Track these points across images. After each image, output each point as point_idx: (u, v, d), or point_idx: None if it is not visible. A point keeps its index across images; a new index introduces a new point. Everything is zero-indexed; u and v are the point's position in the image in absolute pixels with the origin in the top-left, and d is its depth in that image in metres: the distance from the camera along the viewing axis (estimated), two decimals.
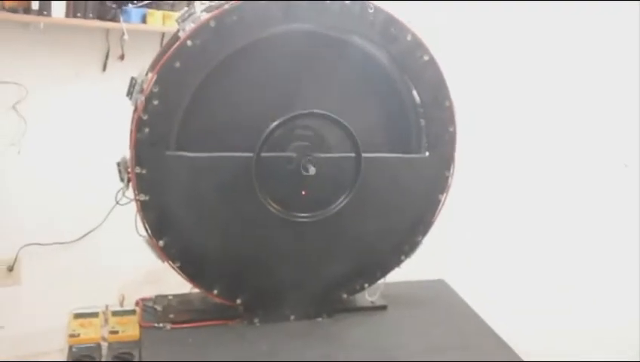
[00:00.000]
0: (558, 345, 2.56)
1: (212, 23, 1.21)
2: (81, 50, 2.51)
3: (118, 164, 1.31)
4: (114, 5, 2.37)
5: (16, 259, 2.52)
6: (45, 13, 2.26)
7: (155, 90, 1.20)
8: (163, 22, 2.38)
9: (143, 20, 2.41)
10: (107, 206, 1.55)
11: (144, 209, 1.25)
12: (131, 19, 2.38)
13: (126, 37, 2.37)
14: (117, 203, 1.34)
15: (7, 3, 2.24)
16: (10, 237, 2.47)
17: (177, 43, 1.21)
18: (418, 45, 1.39)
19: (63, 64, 2.50)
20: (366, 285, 1.52)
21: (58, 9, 2.27)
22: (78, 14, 2.31)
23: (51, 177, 2.49)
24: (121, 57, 2.52)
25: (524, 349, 1.41)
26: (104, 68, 2.53)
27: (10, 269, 2.53)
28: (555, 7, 2.68)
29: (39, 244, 2.50)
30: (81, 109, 2.50)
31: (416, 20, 1.37)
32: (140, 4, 2.42)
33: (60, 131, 2.50)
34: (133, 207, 1.30)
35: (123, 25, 2.35)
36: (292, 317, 1.46)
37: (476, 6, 2.67)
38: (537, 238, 2.80)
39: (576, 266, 2.83)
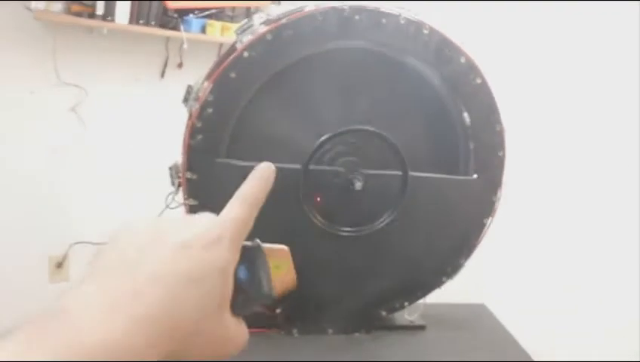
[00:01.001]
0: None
1: (269, 36, 1.24)
2: (141, 57, 2.59)
3: (170, 169, 1.35)
4: (175, 15, 2.43)
5: (65, 256, 2.59)
6: (109, 18, 2.33)
7: (210, 98, 1.23)
8: (221, 33, 2.44)
9: (203, 30, 2.47)
10: (158, 209, 1.59)
11: (193, 213, 1.28)
12: (191, 29, 2.44)
13: (185, 46, 2.43)
14: (167, 206, 1.37)
15: (73, 7, 2.33)
16: (62, 234, 2.54)
17: (234, 54, 1.24)
18: (471, 68, 1.39)
19: (123, 69, 2.58)
20: (406, 304, 1.51)
21: (122, 15, 2.34)
22: (141, 21, 2.38)
23: (105, 178, 2.56)
24: (180, 65, 2.58)
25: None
26: (162, 75, 2.60)
27: (60, 266, 2.60)
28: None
29: (89, 243, 2.57)
30: (138, 114, 2.58)
31: (471, 42, 1.37)
32: (201, 14, 2.48)
33: (116, 134, 2.57)
34: (182, 211, 1.34)
35: (183, 34, 2.41)
36: (330, 331, 1.47)
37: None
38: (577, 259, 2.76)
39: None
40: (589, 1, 2.64)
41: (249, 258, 0.53)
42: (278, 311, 1.42)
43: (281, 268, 0.55)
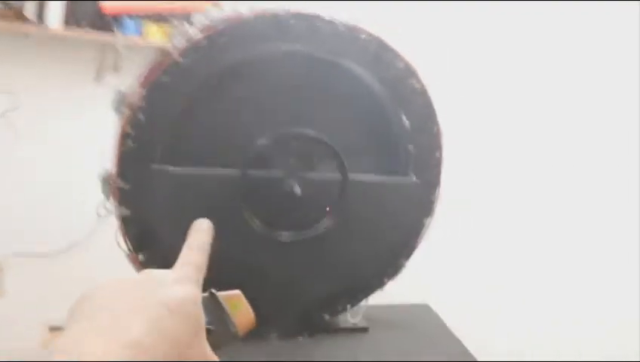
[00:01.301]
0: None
1: (204, 42, 1.22)
2: (76, 61, 2.53)
3: (101, 177, 1.31)
4: (111, 17, 2.38)
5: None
6: (41, 23, 2.27)
7: (142, 104, 1.21)
8: (159, 35, 2.40)
9: (140, 33, 2.42)
10: (90, 218, 1.55)
11: (125, 223, 1.25)
12: (128, 32, 2.39)
13: (121, 49, 2.38)
14: (98, 215, 1.33)
15: (1, 12, 2.26)
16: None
17: (167, 59, 1.21)
18: (410, 72, 1.40)
19: (56, 73, 2.51)
20: (348, 306, 1.51)
21: (54, 19, 2.28)
22: (74, 25, 2.32)
23: (39, 187, 2.49)
24: (116, 69, 2.53)
25: None
26: (98, 79, 2.54)
27: None
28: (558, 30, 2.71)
29: (23, 255, 2.49)
30: (72, 120, 2.51)
31: (408, 44, 1.39)
32: (138, 17, 2.44)
33: (50, 141, 2.50)
34: (113, 220, 1.30)
35: (119, 37, 2.36)
36: (273, 335, 1.46)
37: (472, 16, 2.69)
38: (525, 257, 2.82)
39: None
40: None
41: (209, 306, 0.59)
42: None
43: (239, 308, 0.63)
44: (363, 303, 1.53)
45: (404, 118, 1.43)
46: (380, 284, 1.52)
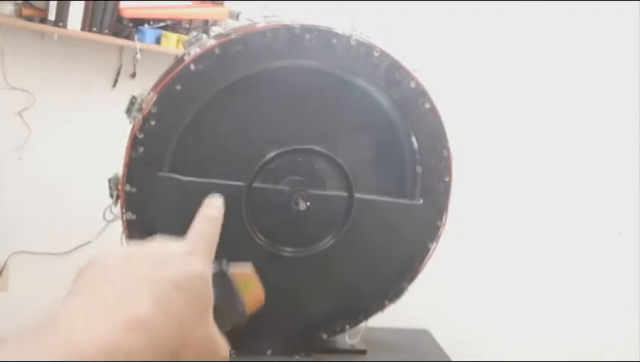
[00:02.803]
0: None
1: (217, 50, 1.22)
2: (94, 65, 2.54)
3: (109, 181, 1.31)
4: (130, 24, 2.39)
5: (5, 265, 2.52)
6: (61, 24, 2.28)
7: (154, 110, 1.21)
8: (177, 45, 2.40)
9: (158, 41, 2.43)
10: (98, 221, 1.54)
11: (130, 227, 1.25)
12: (146, 40, 2.40)
13: (138, 56, 2.39)
14: (104, 219, 1.33)
15: (24, 11, 2.27)
16: (2, 242, 2.47)
17: (180, 66, 1.21)
18: (421, 92, 1.39)
19: (74, 76, 2.52)
20: (347, 327, 1.50)
21: (74, 21, 2.29)
22: (94, 29, 2.33)
23: (50, 187, 2.50)
24: (133, 75, 2.54)
25: None
26: (114, 84, 2.55)
27: None
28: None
29: (29, 252, 2.49)
30: (87, 122, 2.52)
31: (422, 65, 1.38)
32: (156, 25, 2.45)
33: (63, 142, 2.51)
34: (120, 225, 1.30)
35: (137, 43, 2.37)
36: (269, 352, 1.44)
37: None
38: (528, 291, 2.79)
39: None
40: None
41: (217, 282, 0.55)
42: None
43: (248, 286, 0.58)
44: (362, 325, 1.51)
45: (413, 138, 1.42)
46: (381, 306, 1.50)
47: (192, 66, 1.21)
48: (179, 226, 1.33)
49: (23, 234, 2.47)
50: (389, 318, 1.53)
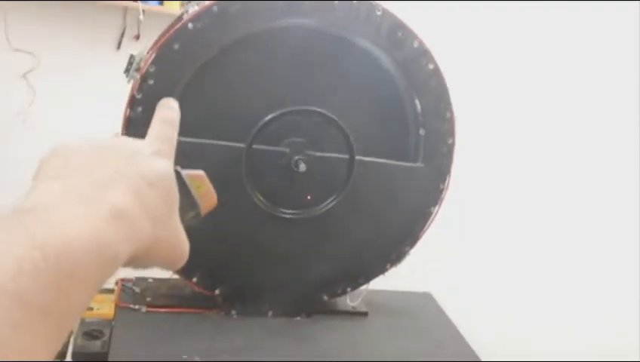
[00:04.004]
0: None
1: (215, 9, 1.20)
2: (98, 27, 2.52)
3: None
4: None
5: None
6: None
7: (152, 69, 1.19)
8: (181, 6, 2.38)
9: (161, 3, 2.41)
10: None
11: None
12: (149, 1, 2.38)
13: (142, 17, 2.37)
14: None
15: None
16: (8, 201, 2.48)
17: (179, 24, 1.20)
18: (424, 53, 1.37)
19: (77, 38, 2.50)
20: (348, 289, 1.49)
21: None
22: None
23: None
24: (137, 37, 2.52)
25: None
26: (119, 46, 2.54)
27: None
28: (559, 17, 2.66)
29: None
30: (91, 85, 2.51)
31: (423, 27, 1.35)
32: None
33: (67, 104, 2.51)
34: None
35: (140, 4, 2.35)
36: (270, 313, 1.45)
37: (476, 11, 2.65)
38: (531, 254, 2.78)
39: (572, 283, 2.80)
40: None
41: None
42: (216, 292, 1.39)
43: (202, 188, 0.60)
44: (363, 287, 1.51)
45: (416, 100, 1.40)
46: (382, 270, 1.50)
47: (190, 25, 1.19)
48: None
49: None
50: (391, 282, 1.53)
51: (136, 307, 1.38)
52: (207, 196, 0.60)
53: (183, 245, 0.56)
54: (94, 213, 0.44)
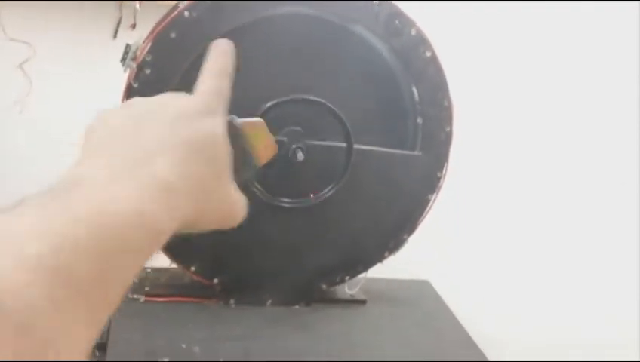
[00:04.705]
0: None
1: None
2: (94, 16, 2.51)
3: None
4: None
5: None
6: None
7: (148, 58, 1.19)
8: None
9: None
10: None
11: None
12: None
13: (138, 6, 2.36)
14: None
15: None
16: (6, 191, 2.48)
17: (175, 12, 1.19)
18: (422, 40, 1.37)
19: (74, 27, 2.49)
20: (347, 278, 1.50)
21: None
22: None
23: (51, 138, 2.49)
24: (133, 26, 2.51)
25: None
26: (115, 35, 2.53)
27: None
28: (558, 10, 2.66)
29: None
30: (88, 74, 2.50)
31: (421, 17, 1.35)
32: None
33: (64, 93, 2.50)
34: None
35: None
36: (269, 302, 1.45)
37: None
38: (529, 242, 2.79)
39: (570, 271, 2.81)
40: None
41: (229, 134, 0.54)
42: (215, 281, 1.40)
43: (259, 138, 0.58)
44: (362, 276, 1.52)
45: (414, 88, 1.40)
46: (380, 258, 1.50)
47: (187, 13, 1.19)
48: None
49: (23, 185, 2.48)
50: (389, 269, 1.54)
51: (135, 296, 1.39)
52: (265, 145, 0.57)
53: (236, 206, 0.54)
54: (138, 188, 0.43)
